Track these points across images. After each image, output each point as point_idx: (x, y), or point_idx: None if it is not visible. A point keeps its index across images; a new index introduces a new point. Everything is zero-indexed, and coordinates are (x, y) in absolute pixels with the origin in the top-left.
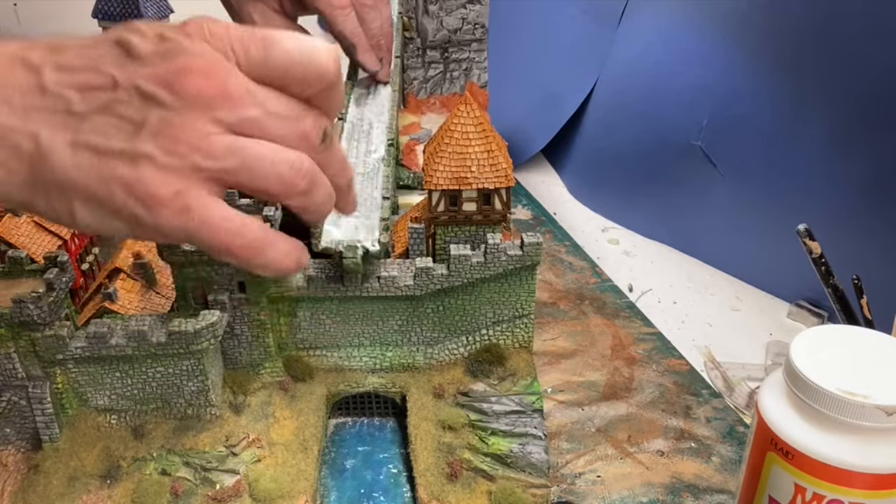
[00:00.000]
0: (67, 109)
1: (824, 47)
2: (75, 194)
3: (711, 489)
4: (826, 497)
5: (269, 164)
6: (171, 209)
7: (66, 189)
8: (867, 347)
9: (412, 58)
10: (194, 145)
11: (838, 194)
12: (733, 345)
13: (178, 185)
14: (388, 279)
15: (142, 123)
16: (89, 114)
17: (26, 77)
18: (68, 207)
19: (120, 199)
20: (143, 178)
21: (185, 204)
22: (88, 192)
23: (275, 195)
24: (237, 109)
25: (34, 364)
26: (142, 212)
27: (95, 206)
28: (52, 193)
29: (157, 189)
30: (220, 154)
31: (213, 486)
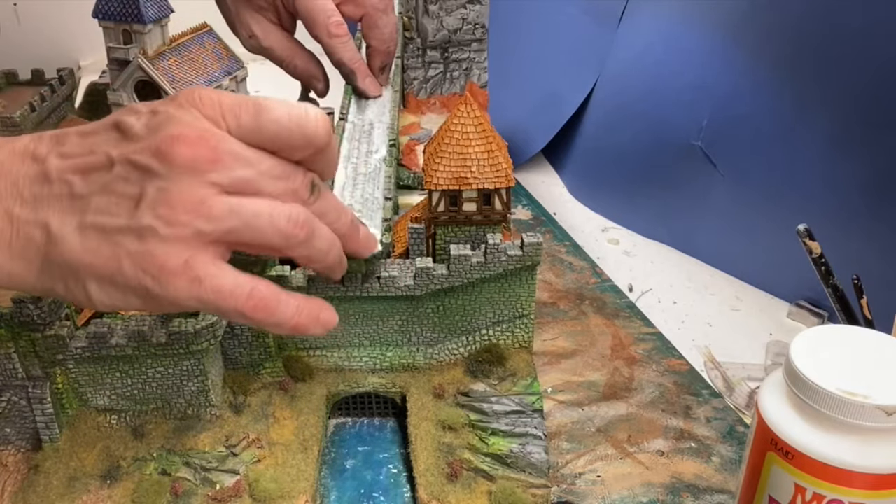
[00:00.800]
0: (71, 193)
1: (824, 47)
2: (88, 275)
3: (711, 489)
4: (826, 497)
5: (268, 218)
6: (182, 279)
7: (78, 271)
8: (867, 347)
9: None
10: (194, 211)
11: (838, 194)
12: (733, 345)
13: (185, 254)
14: (388, 279)
15: (140, 197)
16: (91, 195)
17: (34, 168)
18: (83, 289)
19: (130, 274)
20: (151, 251)
21: (195, 274)
22: (100, 271)
23: (277, 249)
24: (229, 171)
25: (34, 364)
26: (153, 285)
27: (108, 285)
28: (68, 278)
29: (165, 261)
30: (221, 216)
31: (213, 486)
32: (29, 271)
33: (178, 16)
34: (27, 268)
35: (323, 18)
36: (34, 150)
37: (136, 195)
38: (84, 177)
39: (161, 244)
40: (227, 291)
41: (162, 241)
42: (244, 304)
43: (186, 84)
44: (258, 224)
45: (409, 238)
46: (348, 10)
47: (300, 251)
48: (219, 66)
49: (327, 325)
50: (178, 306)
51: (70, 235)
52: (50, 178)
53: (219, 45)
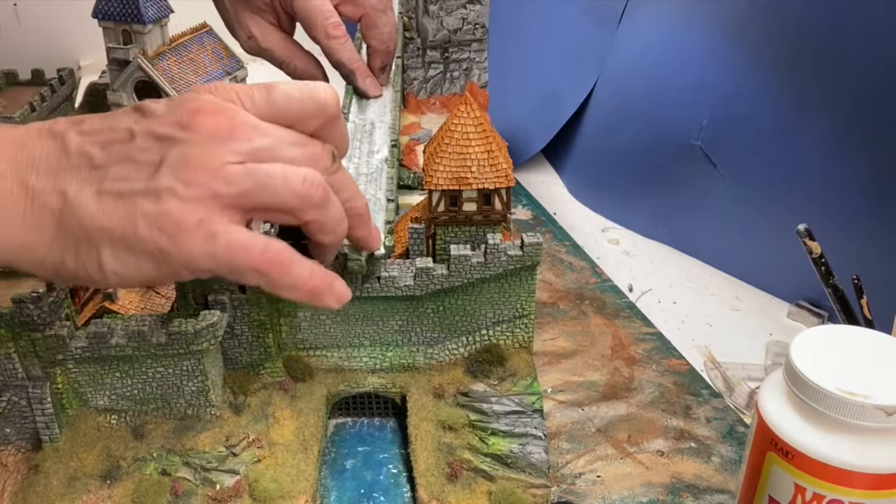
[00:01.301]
0: (90, 164)
1: (824, 47)
2: (102, 240)
3: (711, 489)
4: (826, 497)
5: (282, 179)
6: (196, 236)
7: (93, 237)
8: (867, 347)
9: (412, 58)
10: (213, 173)
11: (838, 194)
12: (733, 345)
13: (201, 214)
14: (388, 279)
15: (160, 162)
16: (111, 165)
17: (52, 143)
18: (97, 257)
19: (146, 234)
20: (168, 210)
21: (209, 231)
22: (115, 234)
23: (292, 210)
24: (249, 140)
25: (34, 364)
26: (168, 243)
27: (122, 249)
28: (81, 245)
29: (181, 218)
30: (237, 178)
31: (213, 486)
32: (41, 241)
33: (178, 16)
34: (40, 238)
35: (321, 20)
36: (51, 127)
37: (156, 161)
38: (104, 148)
39: (179, 203)
40: (240, 246)
41: (180, 200)
42: (258, 259)
43: (186, 84)
44: (273, 184)
45: (409, 238)
46: (347, 10)
47: (314, 214)
48: (218, 66)
49: (340, 296)
50: (192, 267)
51: (87, 200)
52: (69, 151)
53: (218, 45)
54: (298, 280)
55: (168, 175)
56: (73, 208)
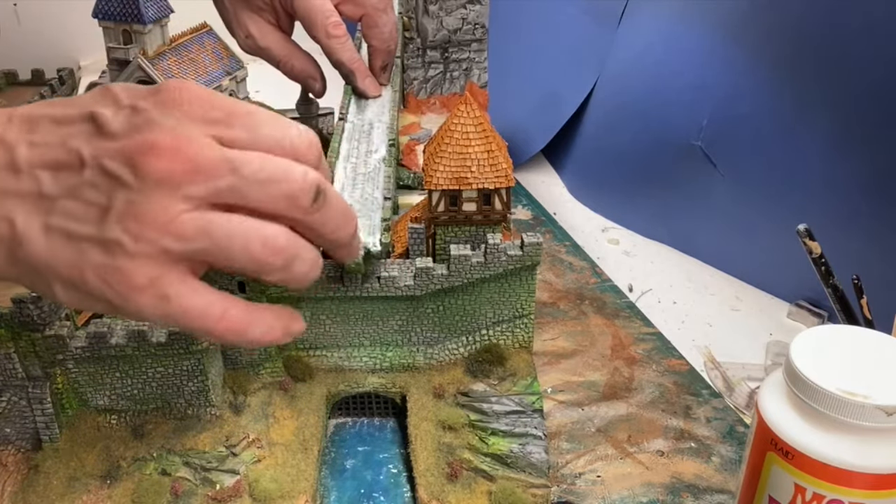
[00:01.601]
0: (39, 192)
1: (825, 47)
2: (52, 277)
3: (711, 489)
4: (826, 497)
5: (241, 242)
6: (148, 297)
7: (44, 272)
8: (867, 347)
9: (412, 58)
10: (162, 228)
11: (838, 194)
12: (733, 345)
13: (152, 272)
14: (388, 279)
15: (108, 207)
16: (59, 197)
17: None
18: (49, 288)
19: (94, 286)
20: (116, 266)
21: (162, 292)
22: (63, 276)
23: (249, 274)
24: (209, 181)
25: (34, 364)
26: (116, 298)
27: (73, 289)
28: (33, 275)
29: (130, 278)
30: (190, 235)
31: (213, 486)
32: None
33: (178, 16)
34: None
35: (321, 19)
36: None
37: (104, 204)
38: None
39: (127, 259)
40: (196, 312)
41: (128, 256)
42: (214, 326)
43: None
44: (230, 247)
45: (409, 238)
46: (348, 9)
47: (275, 277)
48: (218, 66)
49: (296, 335)
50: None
51: (35, 235)
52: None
53: (219, 45)
54: (254, 340)
55: (116, 226)
56: (21, 241)
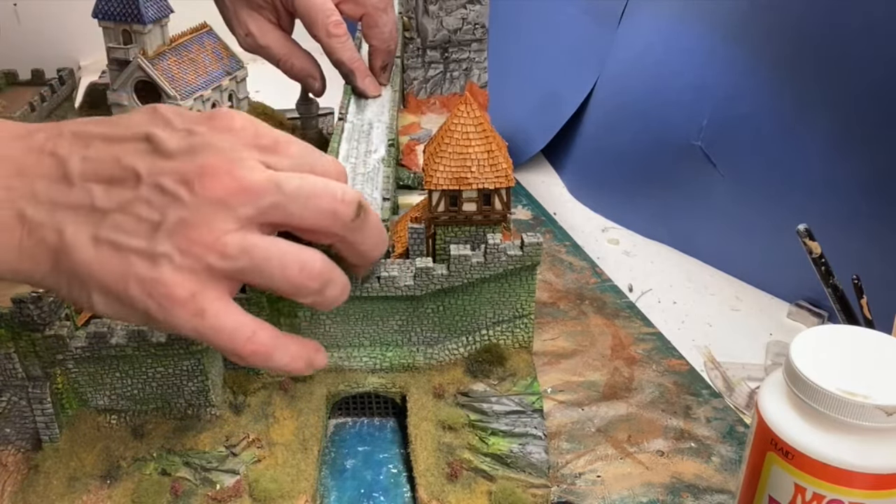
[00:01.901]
0: (91, 205)
1: (825, 47)
2: (94, 286)
3: (711, 489)
4: (826, 497)
5: (279, 264)
6: (185, 310)
7: (85, 281)
8: (867, 347)
9: (412, 58)
10: (209, 246)
11: (838, 194)
12: (733, 345)
13: (194, 287)
14: (388, 279)
15: (160, 223)
16: (111, 211)
17: (53, 167)
18: (87, 297)
19: (136, 296)
20: (161, 279)
21: (199, 308)
22: (106, 286)
23: (285, 293)
24: (255, 201)
25: (34, 364)
26: (157, 310)
27: (112, 299)
28: (73, 283)
29: (172, 290)
30: (233, 255)
31: (213, 486)
32: (36, 270)
33: (178, 16)
34: (35, 268)
35: (322, 18)
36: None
37: (156, 221)
38: (107, 188)
39: (172, 273)
40: (227, 332)
41: (173, 269)
42: (242, 348)
43: (185, 84)
44: (269, 269)
45: (409, 238)
46: (348, 9)
47: (308, 300)
48: (219, 66)
49: (317, 367)
50: (176, 332)
51: (84, 245)
52: (71, 181)
53: (219, 45)
54: (278, 366)
55: (166, 240)
56: (68, 250)
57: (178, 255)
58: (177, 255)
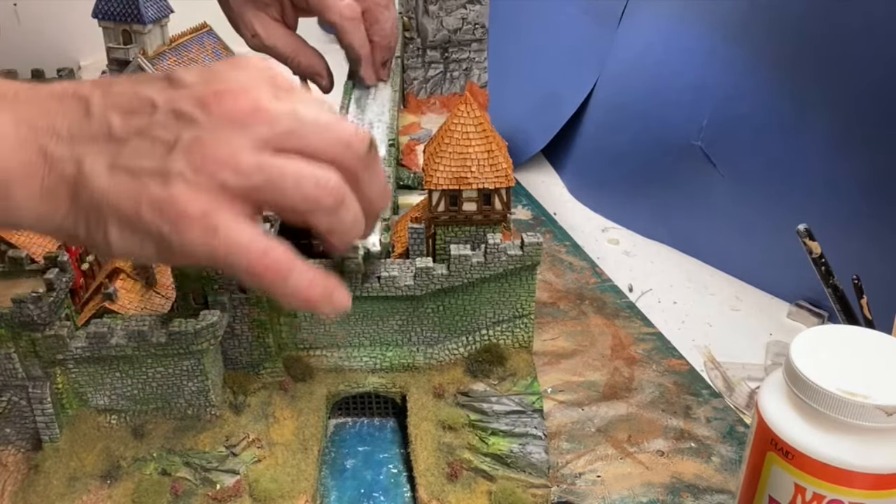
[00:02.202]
0: (109, 133)
1: (825, 47)
2: (109, 216)
3: (711, 489)
4: (826, 497)
5: (294, 179)
6: (198, 228)
7: (101, 211)
8: (867, 347)
9: (412, 58)
10: (223, 162)
11: (838, 194)
12: (733, 345)
13: (207, 205)
14: (388, 279)
15: (174, 143)
16: (128, 138)
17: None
18: (104, 231)
19: (149, 218)
20: (173, 196)
21: (212, 224)
22: (121, 212)
23: (301, 213)
24: (271, 124)
25: (34, 364)
26: (169, 231)
27: (127, 228)
28: (90, 217)
29: (185, 207)
30: (248, 171)
31: (213, 486)
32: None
33: (178, 16)
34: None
35: (335, 1)
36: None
37: (170, 141)
38: (124, 117)
39: (185, 190)
40: (241, 245)
41: (186, 187)
42: (257, 262)
43: None
44: (283, 184)
45: (409, 238)
46: None
47: (324, 220)
48: None
49: (339, 306)
50: (191, 257)
51: (100, 174)
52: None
53: (218, 45)
54: (296, 289)
55: (180, 158)
56: (85, 180)
57: (192, 173)
58: (190, 172)
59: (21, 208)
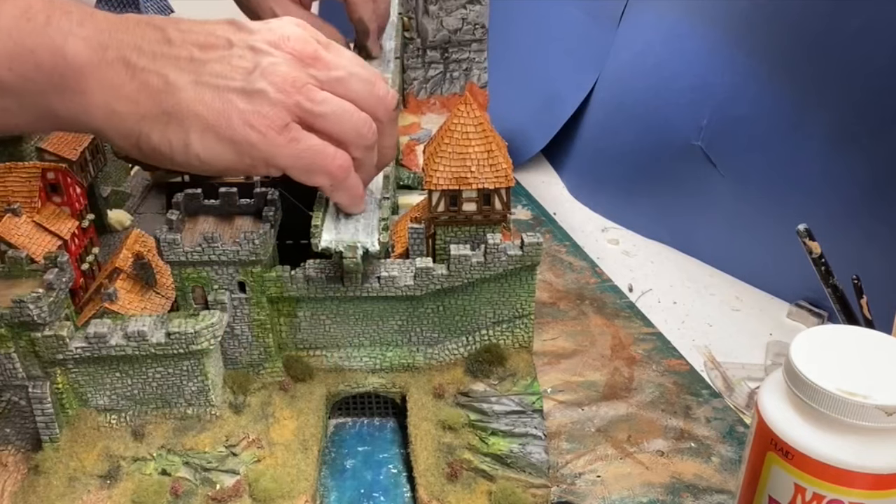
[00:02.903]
0: (190, 57)
1: (824, 47)
2: (194, 125)
3: (711, 489)
4: (826, 497)
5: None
6: (284, 136)
7: (186, 120)
8: (867, 347)
9: (412, 58)
10: (299, 87)
11: (838, 194)
12: (733, 345)
13: (287, 118)
14: (388, 279)
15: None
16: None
17: (154, 32)
18: (184, 138)
19: (238, 128)
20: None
21: (294, 135)
22: (208, 122)
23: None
24: (328, 70)
25: (34, 364)
26: (258, 139)
27: (211, 136)
28: (172, 124)
29: (273, 119)
30: (318, 100)
31: (213, 486)
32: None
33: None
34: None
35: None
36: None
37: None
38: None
39: (269, 106)
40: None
41: (270, 103)
42: (331, 163)
43: None
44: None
45: (409, 238)
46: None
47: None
48: None
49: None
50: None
51: (187, 86)
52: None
53: None
54: (351, 186)
55: (261, 79)
56: (172, 90)
57: (273, 90)
58: (272, 90)
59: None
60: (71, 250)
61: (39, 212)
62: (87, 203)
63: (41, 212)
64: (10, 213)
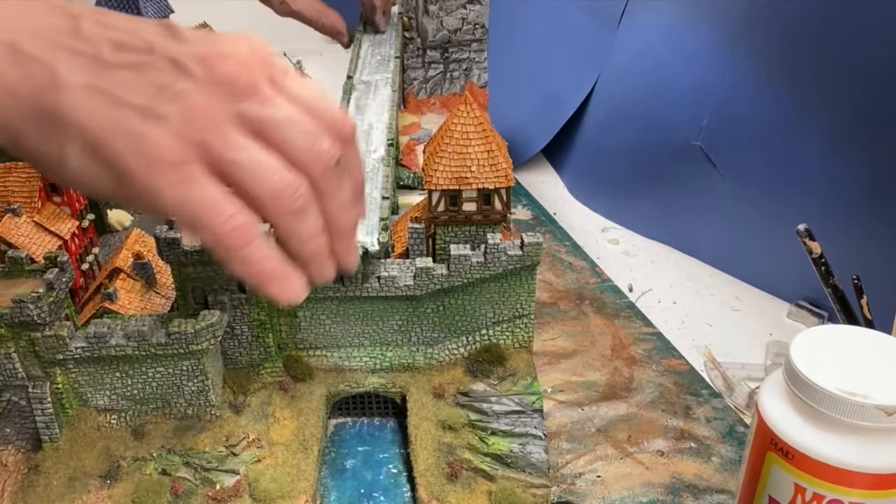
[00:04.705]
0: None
1: (824, 47)
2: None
3: (711, 489)
4: (826, 497)
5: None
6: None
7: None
8: (867, 347)
9: (412, 58)
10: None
11: (838, 194)
12: (733, 345)
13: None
14: (388, 279)
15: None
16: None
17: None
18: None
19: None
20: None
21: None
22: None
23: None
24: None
25: (34, 364)
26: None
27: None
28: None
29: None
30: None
31: (213, 486)
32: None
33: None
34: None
35: None
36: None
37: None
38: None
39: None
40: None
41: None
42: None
43: None
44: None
45: (409, 238)
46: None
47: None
48: None
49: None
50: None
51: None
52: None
53: None
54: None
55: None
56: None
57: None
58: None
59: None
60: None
61: (39, 212)
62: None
63: (41, 212)
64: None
